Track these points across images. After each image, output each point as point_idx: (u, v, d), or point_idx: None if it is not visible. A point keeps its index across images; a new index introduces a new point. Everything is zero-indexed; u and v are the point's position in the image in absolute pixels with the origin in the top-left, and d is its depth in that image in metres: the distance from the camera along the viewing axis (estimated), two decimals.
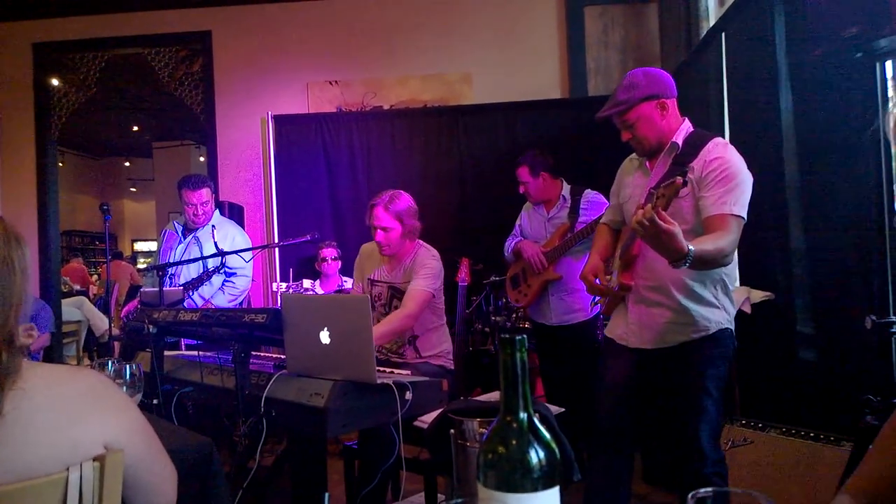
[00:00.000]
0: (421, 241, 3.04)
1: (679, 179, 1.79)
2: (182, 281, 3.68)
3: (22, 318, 1.05)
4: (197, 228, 3.82)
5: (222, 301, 3.73)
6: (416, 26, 5.27)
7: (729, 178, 2.04)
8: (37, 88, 5.49)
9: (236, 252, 3.50)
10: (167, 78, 5.50)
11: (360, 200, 4.24)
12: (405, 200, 2.95)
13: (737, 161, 2.09)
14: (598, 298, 2.47)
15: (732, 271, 2.26)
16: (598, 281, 2.30)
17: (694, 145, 2.16)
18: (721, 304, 2.20)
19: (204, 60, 5.44)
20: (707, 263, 1.97)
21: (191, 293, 3.52)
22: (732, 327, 2.24)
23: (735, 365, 2.93)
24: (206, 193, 3.75)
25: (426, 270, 2.87)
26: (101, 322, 6.98)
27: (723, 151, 2.11)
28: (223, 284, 3.76)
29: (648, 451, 3.42)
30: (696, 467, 2.12)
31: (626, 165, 2.46)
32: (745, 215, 2.05)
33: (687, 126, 2.24)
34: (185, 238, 3.85)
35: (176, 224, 3.94)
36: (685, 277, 2.13)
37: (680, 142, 2.19)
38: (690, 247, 1.80)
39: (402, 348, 2.97)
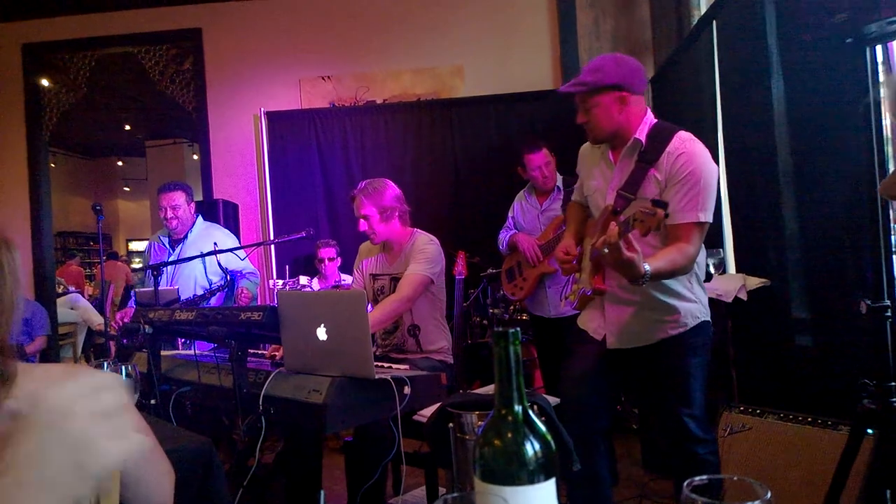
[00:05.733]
0: (419, 230, 3.04)
1: (661, 212, 1.75)
2: (186, 296, 3.60)
3: (13, 324, 1.04)
4: (183, 239, 3.74)
5: (249, 284, 3.72)
6: (407, 20, 5.24)
7: (695, 179, 2.01)
8: (27, 89, 5.46)
9: (230, 250, 3.48)
10: (158, 76, 5.47)
11: None
12: (383, 185, 2.95)
13: (702, 157, 2.05)
14: (569, 292, 2.44)
15: (702, 262, 2.24)
16: (574, 261, 2.27)
17: (658, 141, 2.10)
18: (696, 298, 2.19)
19: (194, 58, 5.42)
20: (664, 278, 2.02)
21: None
22: (709, 318, 2.22)
23: (732, 351, 2.95)
24: (178, 197, 3.68)
25: (422, 255, 2.87)
26: (95, 317, 6.94)
27: (688, 147, 2.06)
28: (245, 275, 3.74)
29: (648, 439, 3.43)
30: (688, 449, 2.13)
31: (589, 152, 2.37)
32: (710, 219, 2.04)
33: (650, 119, 2.17)
34: (174, 250, 3.76)
35: (161, 237, 3.85)
36: None
37: (643, 138, 2.13)
38: (647, 267, 1.84)
39: (403, 340, 2.96)
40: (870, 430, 1.87)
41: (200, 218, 3.89)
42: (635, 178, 2.09)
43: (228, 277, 3.57)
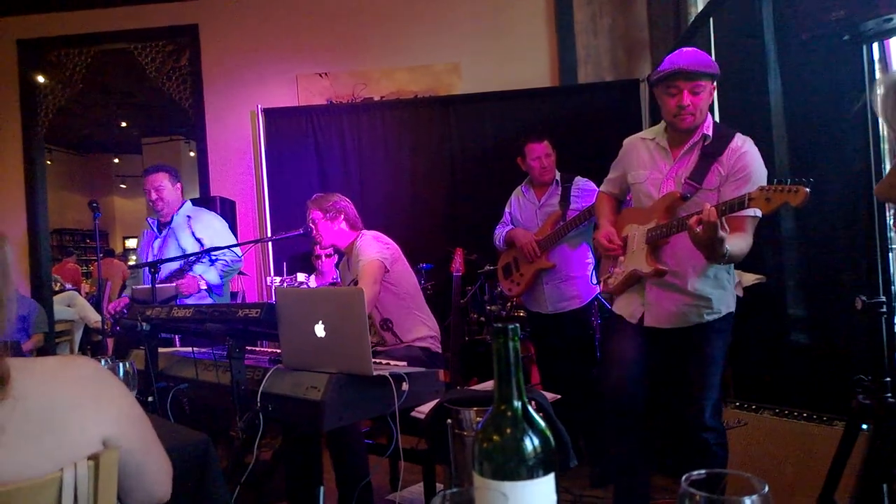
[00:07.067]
0: (364, 230, 3.17)
1: (805, 189, 1.84)
2: (164, 275, 3.61)
3: (6, 322, 1.02)
4: (169, 222, 3.76)
5: (213, 276, 3.68)
6: (404, 17, 5.24)
7: (755, 177, 2.14)
8: (22, 86, 5.44)
9: (228, 247, 3.50)
10: (154, 73, 5.46)
11: (352, 192, 4.23)
12: (330, 194, 3.19)
13: (759, 158, 2.19)
14: (607, 275, 2.49)
15: None
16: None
17: (721, 138, 2.23)
18: (731, 289, 2.32)
19: (191, 54, 5.40)
20: (733, 261, 2.14)
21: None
22: (734, 310, 2.34)
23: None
24: (161, 178, 3.72)
25: (366, 246, 3.02)
26: (92, 314, 6.92)
27: (748, 147, 2.20)
28: (213, 261, 3.72)
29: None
30: (701, 437, 2.22)
31: (638, 144, 2.44)
32: (760, 215, 2.14)
33: (710, 120, 2.30)
34: (160, 233, 3.80)
35: (150, 221, 3.89)
36: (704, 264, 2.22)
37: (710, 134, 2.25)
38: (727, 247, 1.96)
39: (380, 336, 3.03)
40: (865, 426, 1.88)
41: (189, 203, 3.90)
42: (700, 170, 2.22)
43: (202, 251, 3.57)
